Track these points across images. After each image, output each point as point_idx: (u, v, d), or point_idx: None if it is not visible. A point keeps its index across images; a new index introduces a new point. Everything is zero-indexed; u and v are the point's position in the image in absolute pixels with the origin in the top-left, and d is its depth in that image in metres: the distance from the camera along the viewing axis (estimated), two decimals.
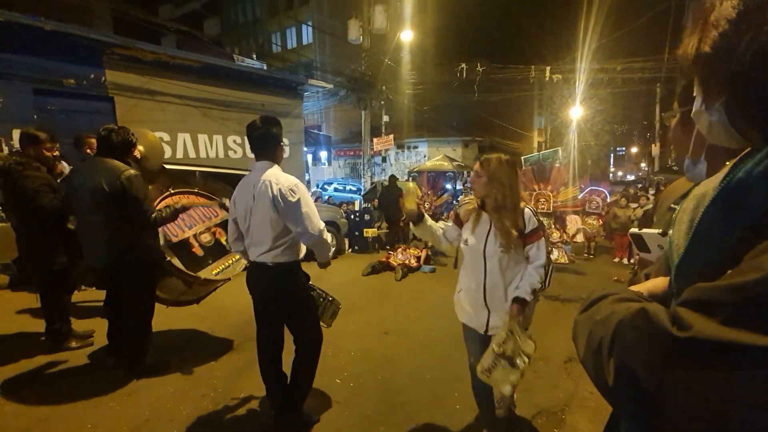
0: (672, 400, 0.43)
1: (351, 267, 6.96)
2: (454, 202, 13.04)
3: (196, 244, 3.40)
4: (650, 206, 7.21)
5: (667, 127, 0.83)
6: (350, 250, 8.67)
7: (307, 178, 15.69)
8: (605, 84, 14.85)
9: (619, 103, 24.59)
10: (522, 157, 8.30)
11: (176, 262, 3.16)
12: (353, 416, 2.63)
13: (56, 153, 3.42)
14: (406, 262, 6.73)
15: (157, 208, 3.00)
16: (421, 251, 7.29)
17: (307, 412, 2.53)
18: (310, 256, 2.46)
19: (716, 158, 0.63)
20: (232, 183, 5.32)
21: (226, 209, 3.47)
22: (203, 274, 3.26)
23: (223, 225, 3.59)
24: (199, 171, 6.24)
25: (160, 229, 3.10)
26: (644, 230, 0.96)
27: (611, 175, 37.30)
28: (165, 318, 4.31)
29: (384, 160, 23.26)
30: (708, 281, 0.46)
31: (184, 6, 32.38)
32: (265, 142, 2.31)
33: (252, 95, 10.43)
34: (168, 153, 8.80)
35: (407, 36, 12.54)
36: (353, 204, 10.90)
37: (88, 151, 4.14)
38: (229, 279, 3.48)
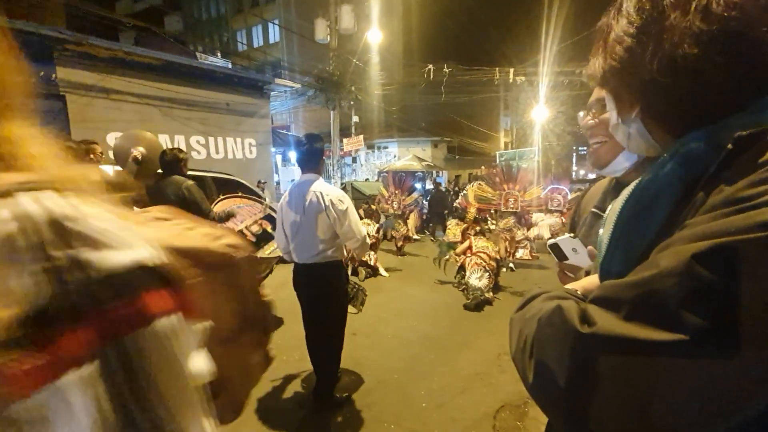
0: (586, 397, 0.44)
1: None
2: (424, 201, 13.18)
3: (248, 234, 4.23)
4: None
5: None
6: None
7: (276, 179, 15.44)
8: (566, 86, 15.41)
9: (579, 105, 25.55)
10: (497, 152, 8.48)
11: None
12: (319, 420, 2.61)
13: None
14: (369, 262, 6.65)
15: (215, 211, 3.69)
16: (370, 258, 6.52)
17: (335, 394, 2.82)
18: None
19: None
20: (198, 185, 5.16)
21: (266, 204, 4.65)
22: (258, 253, 4.10)
23: (267, 217, 4.50)
24: (158, 173, 6.00)
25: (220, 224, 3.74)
26: (559, 238, 0.99)
27: (574, 173, 38.78)
28: None
29: (354, 160, 23.20)
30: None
31: (143, 1, 31.06)
32: (311, 157, 2.60)
33: (216, 94, 10.15)
34: None
35: (375, 36, 12.56)
36: None
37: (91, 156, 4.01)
38: (279, 257, 3.93)
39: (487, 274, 5.26)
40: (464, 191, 8.09)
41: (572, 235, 0.98)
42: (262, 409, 2.74)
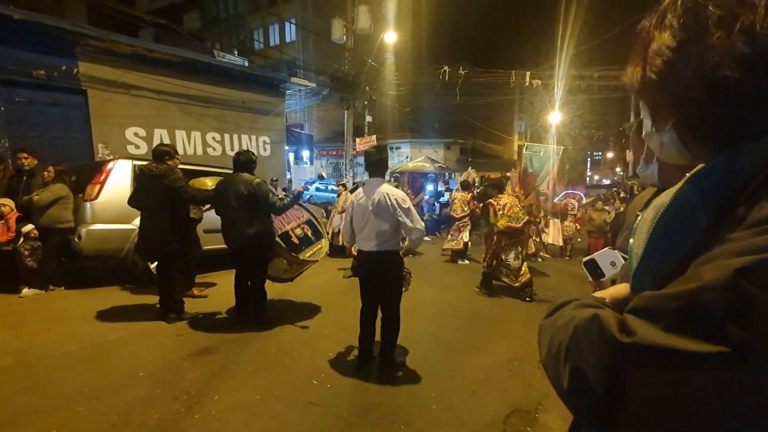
0: (623, 405, 0.44)
1: (331, 267, 6.92)
2: (436, 204, 13.15)
3: (293, 236, 4.61)
4: (619, 210, 7.53)
5: (629, 135, 0.88)
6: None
7: (288, 176, 15.54)
8: (583, 90, 15.22)
9: (595, 109, 25.28)
10: (526, 143, 8.50)
11: (283, 245, 4.32)
12: (329, 417, 2.62)
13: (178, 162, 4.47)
14: None
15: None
16: None
17: (397, 357, 3.32)
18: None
19: (669, 171, 0.66)
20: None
21: (307, 210, 5.18)
22: (300, 255, 4.48)
23: (307, 222, 4.95)
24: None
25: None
26: (596, 254, 0.99)
27: (588, 178, 38.32)
28: (136, 321, 4.20)
29: None
30: (659, 289, 0.47)
31: None
32: (379, 165, 3.24)
33: (232, 92, 10.27)
34: (144, 149, 8.56)
35: (391, 37, 12.57)
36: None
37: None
38: (317, 261, 4.71)
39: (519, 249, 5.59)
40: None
41: (610, 247, 0.98)
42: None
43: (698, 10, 0.49)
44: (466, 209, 8.07)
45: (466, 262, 7.93)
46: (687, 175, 0.54)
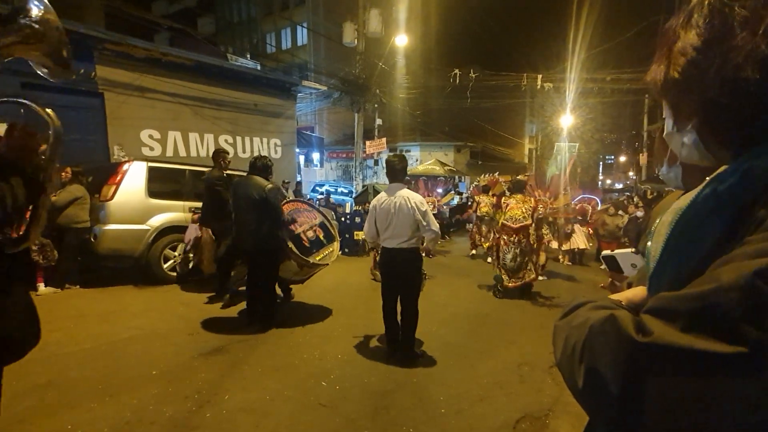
0: (639, 405, 0.44)
1: (340, 270, 6.94)
2: (445, 207, 13.13)
3: (305, 238, 4.60)
4: (632, 215, 7.44)
5: (654, 138, 0.87)
6: (340, 252, 8.61)
7: (298, 179, 15.65)
8: (595, 93, 15.07)
9: (608, 112, 24.99)
10: (556, 144, 8.48)
11: (294, 248, 4.28)
12: (337, 419, 2.62)
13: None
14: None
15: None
16: None
17: (415, 350, 3.59)
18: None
19: (692, 174, 0.66)
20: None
21: (320, 212, 5.16)
22: (311, 259, 4.45)
23: (320, 225, 4.92)
24: (189, 170, 6.19)
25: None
26: (617, 251, 0.98)
27: (600, 183, 37.83)
28: (149, 320, 4.26)
29: (376, 163, 23.25)
30: (676, 291, 0.47)
31: (177, 3, 32.08)
32: (399, 171, 3.54)
33: (245, 95, 10.39)
34: (158, 151, 8.70)
35: (402, 40, 12.60)
36: (345, 206, 10.90)
37: (222, 163, 5.14)
38: (327, 264, 4.68)
39: (518, 250, 5.48)
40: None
41: (633, 249, 0.97)
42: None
43: (724, 10, 0.49)
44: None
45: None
46: (707, 178, 0.54)
